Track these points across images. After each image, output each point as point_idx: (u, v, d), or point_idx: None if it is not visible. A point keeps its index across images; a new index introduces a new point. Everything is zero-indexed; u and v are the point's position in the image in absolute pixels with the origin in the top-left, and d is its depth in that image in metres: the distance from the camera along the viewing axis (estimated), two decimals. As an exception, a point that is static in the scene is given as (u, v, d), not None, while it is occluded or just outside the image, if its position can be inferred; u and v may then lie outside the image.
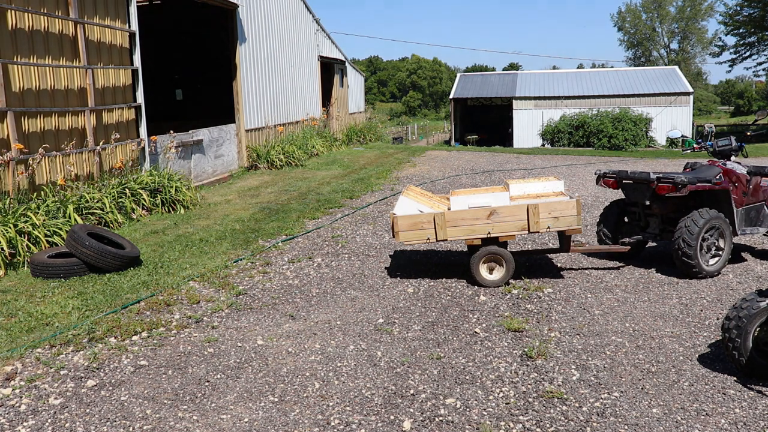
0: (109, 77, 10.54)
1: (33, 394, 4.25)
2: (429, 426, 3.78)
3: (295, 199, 11.43)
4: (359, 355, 4.78)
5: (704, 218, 6.30)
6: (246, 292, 6.34)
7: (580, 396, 4.09)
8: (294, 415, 3.94)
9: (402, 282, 6.57)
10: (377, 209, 10.52)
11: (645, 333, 5.10)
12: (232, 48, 15.43)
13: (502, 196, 6.48)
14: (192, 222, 9.68)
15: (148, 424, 3.87)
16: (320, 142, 19.07)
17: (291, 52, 19.30)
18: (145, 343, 5.10)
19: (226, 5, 14.91)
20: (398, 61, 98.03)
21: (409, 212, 6.46)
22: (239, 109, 15.66)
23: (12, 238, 7.25)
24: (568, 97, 32.00)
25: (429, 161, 17.48)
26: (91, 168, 9.89)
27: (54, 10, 9.22)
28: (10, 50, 8.42)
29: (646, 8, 70.22)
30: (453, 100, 35.20)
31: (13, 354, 4.83)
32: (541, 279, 6.55)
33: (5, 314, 5.75)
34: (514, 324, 5.26)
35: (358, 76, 29.69)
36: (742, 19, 43.19)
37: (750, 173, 6.90)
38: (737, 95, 74.33)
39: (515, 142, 31.88)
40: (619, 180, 6.90)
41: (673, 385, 4.22)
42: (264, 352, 4.89)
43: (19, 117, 8.52)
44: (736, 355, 4.20)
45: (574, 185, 12.61)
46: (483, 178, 13.98)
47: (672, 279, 6.47)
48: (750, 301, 4.21)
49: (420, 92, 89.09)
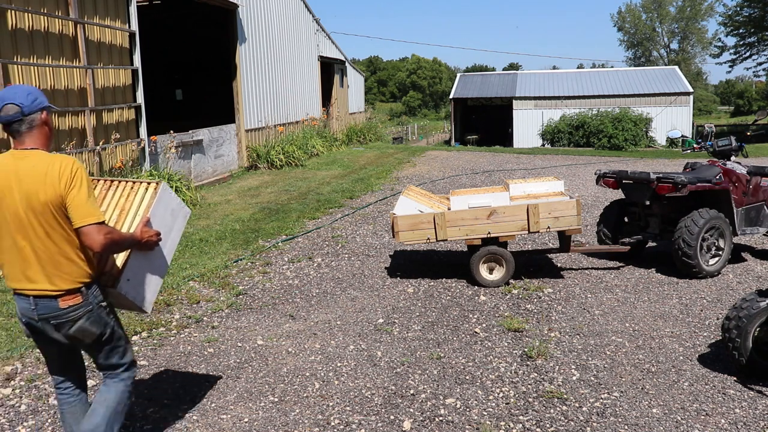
0: (109, 77, 10.54)
1: (33, 394, 4.25)
2: (429, 426, 3.78)
3: (295, 199, 11.43)
4: (359, 355, 4.78)
5: (704, 218, 6.30)
6: (246, 292, 6.35)
7: (580, 396, 4.09)
8: (294, 415, 3.94)
9: (402, 282, 6.57)
10: (377, 209, 10.52)
11: (645, 333, 5.10)
12: (232, 48, 15.43)
13: (502, 196, 6.48)
14: (192, 222, 9.68)
15: (148, 424, 3.87)
16: (320, 142, 19.07)
17: (291, 52, 19.30)
18: (145, 343, 5.10)
19: (226, 5, 14.91)
20: (398, 61, 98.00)
21: (409, 212, 6.46)
22: (239, 109, 15.66)
23: (12, 238, 7.25)
24: (568, 97, 31.99)
25: (429, 161, 17.49)
26: (91, 168, 9.89)
27: (54, 10, 9.22)
28: (10, 50, 8.42)
29: (646, 8, 70.21)
30: (453, 100, 35.19)
31: (13, 354, 4.83)
32: (541, 279, 6.55)
33: (5, 314, 5.75)
34: (514, 324, 5.26)
35: (358, 76, 29.70)
36: (742, 20, 43.18)
37: (750, 173, 6.90)
38: (737, 95, 74.29)
39: (515, 142, 31.86)
40: (619, 180, 6.90)
41: (673, 385, 4.22)
42: (264, 352, 4.89)
43: (19, 117, 8.52)
44: (736, 355, 4.20)
45: (574, 185, 12.62)
46: (483, 178, 13.99)
47: (672, 279, 6.47)
48: (750, 301, 4.20)
49: (420, 92, 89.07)
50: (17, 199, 2.79)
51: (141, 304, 3.30)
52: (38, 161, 2.81)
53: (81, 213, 2.80)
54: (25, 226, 2.81)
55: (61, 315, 2.89)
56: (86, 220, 2.80)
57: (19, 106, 2.81)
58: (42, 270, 2.85)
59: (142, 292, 3.29)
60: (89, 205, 2.82)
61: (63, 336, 2.96)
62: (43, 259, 2.84)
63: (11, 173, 2.80)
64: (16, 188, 2.79)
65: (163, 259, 3.40)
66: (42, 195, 2.77)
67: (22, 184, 2.78)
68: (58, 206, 2.79)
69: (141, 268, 3.28)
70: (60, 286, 2.87)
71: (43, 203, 2.77)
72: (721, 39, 56.15)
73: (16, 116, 2.81)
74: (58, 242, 2.84)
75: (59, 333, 2.94)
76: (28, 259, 2.85)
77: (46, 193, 2.77)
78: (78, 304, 2.91)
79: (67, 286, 2.88)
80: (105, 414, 3.08)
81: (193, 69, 21.64)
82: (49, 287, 2.86)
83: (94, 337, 3.01)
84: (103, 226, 2.85)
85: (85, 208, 2.80)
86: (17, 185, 2.78)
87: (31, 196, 2.77)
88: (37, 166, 2.79)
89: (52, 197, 2.77)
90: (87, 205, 2.81)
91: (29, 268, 2.85)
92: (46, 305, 2.88)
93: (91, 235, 2.81)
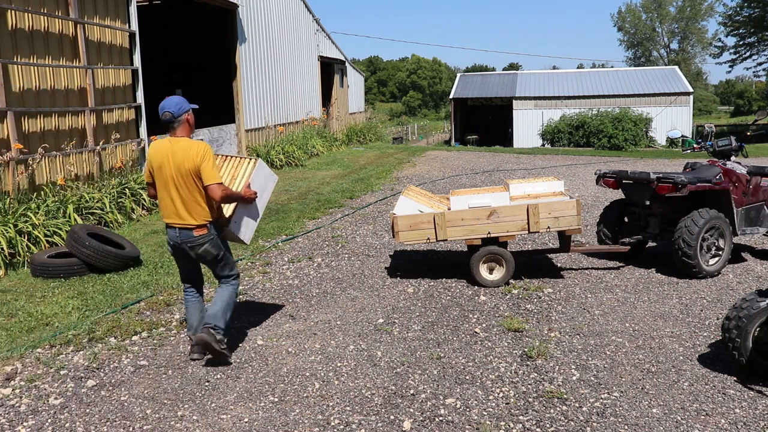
0: (109, 77, 10.54)
1: (33, 394, 4.25)
2: (429, 426, 3.78)
3: (295, 199, 11.43)
4: (359, 355, 4.78)
5: (704, 218, 6.30)
6: (246, 292, 6.35)
7: (580, 396, 4.09)
8: (294, 415, 3.94)
9: (402, 282, 6.57)
10: (377, 209, 10.52)
11: (645, 333, 5.10)
12: (232, 48, 15.43)
13: (502, 196, 6.48)
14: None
15: (148, 424, 3.87)
16: (320, 142, 19.07)
17: (291, 52, 19.30)
18: (145, 343, 5.10)
19: (226, 5, 14.91)
20: (398, 61, 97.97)
21: (409, 212, 6.46)
22: (239, 109, 15.66)
23: (12, 238, 7.25)
24: (568, 97, 31.99)
25: (429, 161, 17.49)
26: (91, 168, 9.89)
27: (54, 10, 9.22)
28: (10, 50, 8.42)
29: (646, 8, 70.20)
30: (453, 100, 35.19)
31: (13, 354, 4.83)
32: (541, 279, 6.55)
33: (5, 314, 5.75)
34: (514, 324, 5.26)
35: (358, 76, 29.70)
36: (742, 20, 43.17)
37: (750, 173, 6.89)
38: (737, 95, 74.28)
39: (515, 142, 31.86)
40: (619, 180, 6.90)
41: (673, 385, 4.22)
42: (264, 352, 4.89)
43: (19, 117, 8.53)
44: (736, 355, 4.20)
45: (574, 185, 12.62)
46: (483, 178, 13.99)
47: (672, 279, 6.47)
48: (750, 301, 4.20)
49: (420, 92, 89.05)
50: (172, 168, 4.44)
51: (243, 238, 4.99)
52: (185, 144, 4.46)
53: (208, 177, 4.40)
54: (176, 184, 4.45)
55: (194, 240, 4.54)
56: (211, 181, 4.40)
57: (170, 113, 4.48)
58: (185, 212, 4.49)
59: (243, 230, 4.98)
60: (213, 172, 4.42)
61: (194, 254, 4.61)
62: (185, 205, 4.48)
63: (168, 151, 4.46)
64: (171, 160, 4.44)
65: (258, 210, 5.06)
66: (186, 165, 4.41)
67: (175, 158, 4.43)
68: (195, 172, 4.41)
69: (243, 215, 4.92)
70: (194, 222, 4.51)
71: (187, 170, 4.41)
72: (721, 39, 56.17)
73: (170, 119, 4.49)
74: (194, 194, 4.46)
75: (192, 252, 4.59)
76: (177, 204, 4.49)
77: (188, 164, 4.40)
78: (204, 234, 4.55)
79: (198, 222, 4.51)
80: (221, 305, 4.68)
81: (193, 69, 21.65)
82: (188, 222, 4.50)
83: (212, 257, 4.64)
84: (221, 185, 4.44)
85: (210, 174, 4.40)
86: (172, 159, 4.44)
87: (180, 165, 4.42)
88: (184, 147, 4.44)
89: (191, 167, 4.40)
90: (212, 172, 4.41)
91: (177, 210, 4.50)
92: (185, 234, 4.53)
93: (214, 190, 4.41)
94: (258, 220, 5.09)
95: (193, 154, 4.39)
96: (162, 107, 4.48)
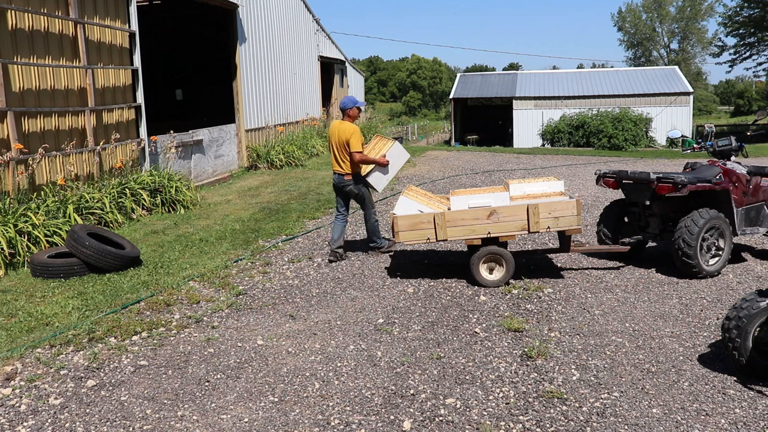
0: (109, 77, 10.54)
1: (33, 394, 4.25)
2: (429, 426, 3.78)
3: (295, 199, 11.43)
4: (359, 355, 4.78)
5: (704, 218, 6.30)
6: (246, 292, 6.35)
7: (580, 396, 4.09)
8: (294, 415, 3.94)
9: (402, 282, 6.57)
10: (377, 209, 10.51)
11: (645, 333, 5.10)
12: (232, 48, 15.43)
13: (502, 196, 6.48)
14: (192, 222, 9.68)
15: (148, 424, 3.87)
16: (320, 142, 19.06)
17: (291, 52, 19.30)
18: (145, 343, 5.10)
19: (226, 5, 14.91)
20: (398, 61, 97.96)
21: (409, 212, 6.46)
22: (239, 109, 15.66)
23: (12, 238, 7.26)
24: (568, 97, 31.98)
25: (429, 161, 17.49)
26: (91, 168, 9.90)
27: (54, 10, 9.22)
28: (10, 50, 8.42)
29: (646, 8, 70.20)
30: (453, 100, 35.18)
31: (13, 354, 4.83)
32: (541, 279, 6.55)
33: (5, 314, 5.75)
34: (514, 324, 5.26)
35: (358, 76, 29.70)
36: (742, 20, 43.16)
37: (750, 173, 6.89)
38: (737, 95, 74.28)
39: (515, 142, 31.84)
40: (619, 180, 6.90)
41: (673, 385, 4.22)
42: (264, 352, 4.89)
43: (19, 117, 8.53)
44: (736, 355, 4.20)
45: (574, 185, 12.62)
46: (483, 178, 13.99)
47: (672, 279, 6.47)
48: (750, 301, 4.20)
49: (420, 92, 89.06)
50: (336, 138, 7.23)
51: (376, 187, 7.43)
52: (346, 126, 7.22)
53: (352, 147, 7.13)
54: (337, 147, 7.24)
55: (345, 183, 7.35)
56: (355, 149, 7.13)
57: (342, 107, 7.36)
58: (341, 164, 7.29)
59: (376, 182, 7.41)
60: (357, 143, 7.12)
61: (345, 191, 7.41)
62: (341, 161, 7.28)
63: (336, 129, 7.27)
64: (336, 134, 7.24)
65: (389, 172, 7.47)
66: (342, 138, 7.17)
67: (339, 132, 7.21)
68: (346, 142, 7.15)
69: (377, 173, 7.40)
70: (345, 171, 7.29)
71: (343, 141, 7.17)
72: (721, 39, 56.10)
73: (342, 109, 7.42)
74: (345, 155, 7.23)
75: (343, 190, 7.40)
76: (338, 159, 7.30)
77: (343, 137, 7.16)
78: (351, 180, 7.32)
79: (347, 171, 7.29)
80: (370, 229, 7.63)
81: (193, 69, 21.65)
82: (342, 171, 7.31)
83: (354, 194, 7.40)
84: (359, 153, 7.15)
85: (354, 146, 7.12)
86: (337, 133, 7.23)
87: (341, 137, 7.19)
88: (345, 127, 7.20)
89: (345, 139, 7.14)
90: (357, 144, 7.12)
91: (336, 162, 7.32)
92: (340, 178, 7.35)
93: (354, 156, 7.16)
94: (389, 177, 7.49)
95: (346, 133, 7.12)
96: (341, 103, 7.39)
